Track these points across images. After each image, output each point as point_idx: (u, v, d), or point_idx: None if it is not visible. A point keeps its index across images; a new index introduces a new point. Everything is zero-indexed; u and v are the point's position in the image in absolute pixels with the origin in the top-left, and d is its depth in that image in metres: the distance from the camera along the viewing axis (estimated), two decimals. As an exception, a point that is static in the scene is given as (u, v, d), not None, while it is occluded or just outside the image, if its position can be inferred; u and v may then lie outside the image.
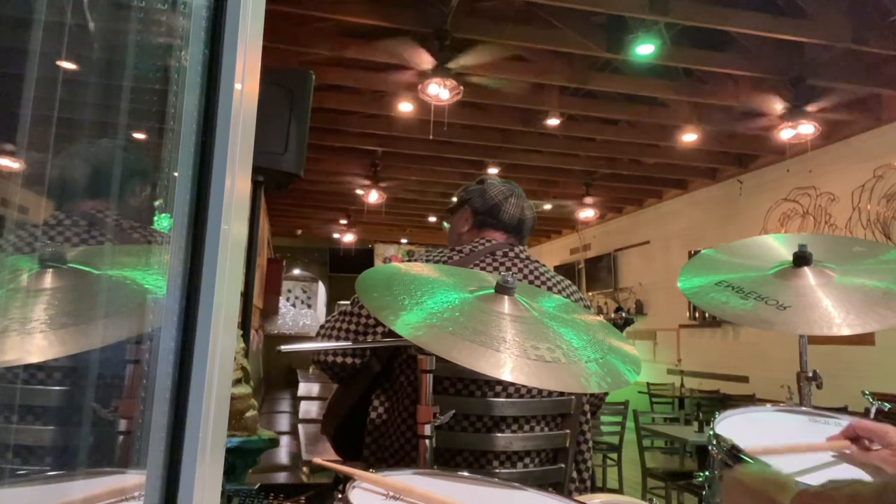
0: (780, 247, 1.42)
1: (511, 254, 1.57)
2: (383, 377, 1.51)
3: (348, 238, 12.44)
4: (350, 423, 1.56)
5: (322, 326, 1.54)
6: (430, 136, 6.04)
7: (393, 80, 5.38)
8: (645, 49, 4.67)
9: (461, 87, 5.00)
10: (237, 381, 1.53)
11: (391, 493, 0.82)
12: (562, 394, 1.43)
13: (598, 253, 10.89)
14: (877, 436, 0.91)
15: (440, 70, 4.87)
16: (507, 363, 0.95)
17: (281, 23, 4.55)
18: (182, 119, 0.41)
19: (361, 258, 12.95)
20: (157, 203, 1.24)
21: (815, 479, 0.85)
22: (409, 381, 1.44)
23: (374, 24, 4.59)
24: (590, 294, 10.64)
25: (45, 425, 0.97)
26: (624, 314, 1.58)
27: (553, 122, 6.37)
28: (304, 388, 6.49)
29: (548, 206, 9.47)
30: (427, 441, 1.08)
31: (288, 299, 12.82)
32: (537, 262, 1.60)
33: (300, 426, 4.67)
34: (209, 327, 0.38)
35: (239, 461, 1.55)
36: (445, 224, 1.77)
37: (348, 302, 1.54)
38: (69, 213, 1.17)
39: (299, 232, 13.42)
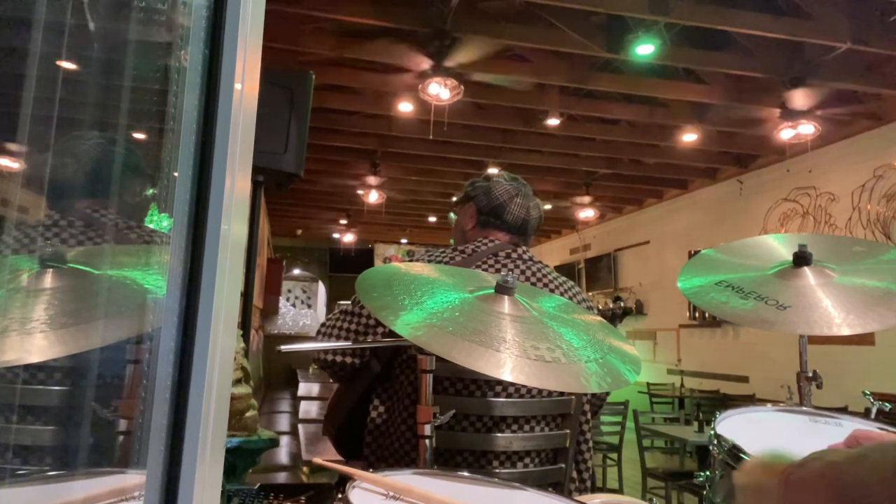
0: (780, 247, 1.42)
1: (514, 255, 1.57)
2: (383, 377, 1.51)
3: (348, 238, 12.44)
4: (351, 422, 1.56)
5: (322, 325, 1.54)
6: (430, 136, 6.04)
7: (393, 80, 5.37)
8: (645, 49, 4.66)
9: (461, 87, 5.00)
10: (237, 381, 1.53)
11: (391, 493, 0.82)
12: (562, 394, 1.43)
13: (598, 253, 10.89)
14: None
15: (440, 70, 4.87)
16: (507, 363, 0.95)
17: (281, 23, 4.55)
18: (182, 119, 0.41)
19: (361, 258, 12.95)
20: (156, 203, 1.24)
21: None
22: (410, 381, 1.44)
23: (374, 24, 4.59)
24: (590, 294, 10.63)
25: (45, 425, 0.97)
26: (622, 304, 1.59)
27: (553, 122, 6.37)
28: (304, 388, 6.49)
29: (548, 206, 9.47)
30: (427, 441, 1.08)
31: (288, 299, 12.81)
32: (540, 262, 1.60)
33: (300, 426, 4.67)
34: (209, 327, 0.38)
35: (239, 461, 1.55)
36: (452, 215, 1.76)
37: (349, 302, 1.54)
38: (67, 213, 1.16)
39: (299, 232, 13.42)
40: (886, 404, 1.24)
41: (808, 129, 5.51)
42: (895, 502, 0.49)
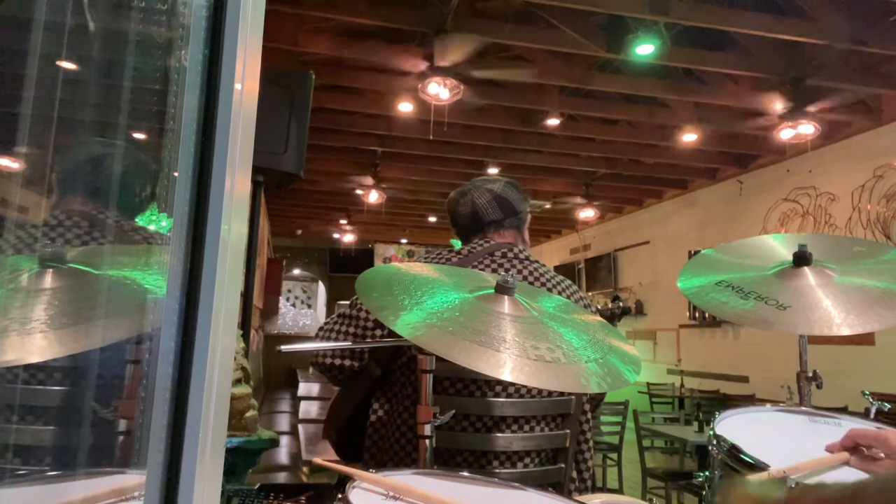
0: (780, 247, 1.42)
1: (510, 254, 1.57)
2: (383, 380, 1.51)
3: (348, 238, 12.44)
4: (352, 427, 1.56)
5: (321, 329, 1.53)
6: (430, 136, 6.04)
7: (393, 80, 5.37)
8: (645, 49, 4.66)
9: (461, 87, 4.99)
10: (237, 381, 1.53)
11: (391, 493, 0.82)
12: (562, 394, 1.43)
13: (598, 253, 10.89)
14: (877, 443, 0.90)
15: (440, 70, 4.87)
16: (507, 363, 0.95)
17: (281, 23, 4.55)
18: (182, 119, 0.41)
19: (361, 258, 12.96)
20: (157, 203, 1.24)
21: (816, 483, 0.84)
22: (410, 382, 1.44)
23: (373, 24, 4.59)
24: (590, 294, 10.63)
25: (45, 425, 0.97)
26: (621, 303, 1.59)
27: (553, 122, 6.37)
28: (304, 388, 6.50)
29: (548, 206, 9.47)
30: (427, 441, 1.08)
31: (288, 299, 12.82)
32: (537, 262, 1.60)
33: (300, 426, 4.68)
34: (209, 327, 0.38)
35: (239, 461, 1.55)
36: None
37: (348, 303, 1.54)
38: (70, 213, 1.17)
39: (299, 232, 13.42)
40: (886, 404, 1.24)
41: (808, 129, 5.51)
42: None
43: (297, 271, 14.38)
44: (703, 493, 1.01)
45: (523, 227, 1.67)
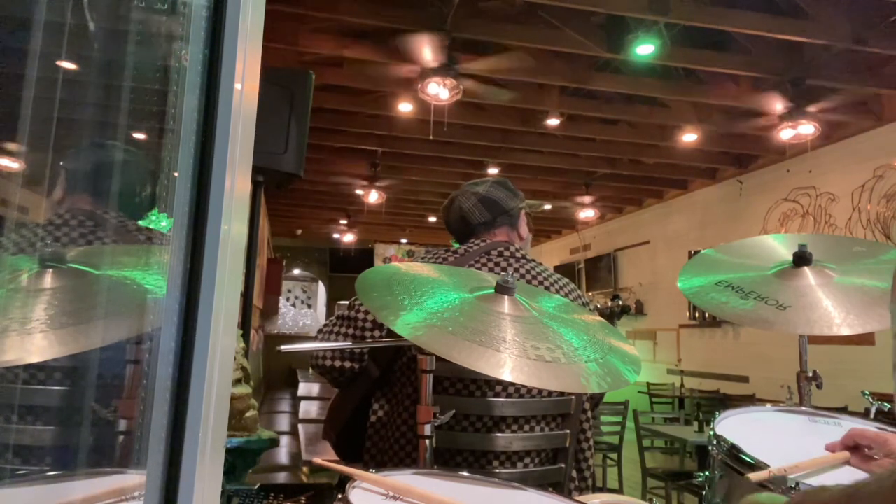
0: (780, 247, 1.42)
1: (506, 253, 1.57)
2: (382, 381, 1.51)
3: (348, 238, 12.44)
4: (352, 427, 1.56)
5: (320, 331, 1.54)
6: (430, 136, 6.04)
7: (393, 80, 5.37)
8: (645, 49, 4.66)
9: (461, 87, 4.99)
10: (237, 381, 1.52)
11: (391, 493, 0.82)
12: (562, 394, 1.43)
13: (598, 253, 10.89)
14: (877, 444, 0.91)
15: (440, 70, 4.87)
16: (507, 363, 0.95)
17: (281, 23, 4.55)
18: (182, 119, 0.41)
19: (361, 258, 12.94)
20: (157, 203, 1.24)
21: (816, 483, 0.85)
22: (410, 382, 1.44)
23: (374, 24, 4.59)
24: (590, 294, 10.63)
25: (45, 425, 0.97)
26: (620, 302, 1.59)
27: (553, 122, 6.37)
28: (304, 388, 6.50)
29: (548, 206, 9.47)
30: (427, 441, 1.08)
31: (288, 299, 12.83)
32: (534, 261, 1.60)
33: (300, 426, 4.67)
34: (209, 327, 0.38)
35: (239, 461, 1.55)
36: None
37: (347, 304, 1.54)
38: (74, 213, 1.17)
39: (299, 232, 13.42)
40: (886, 404, 1.24)
41: (808, 129, 5.51)
42: None
43: (297, 271, 14.38)
44: (703, 493, 1.01)
45: (517, 224, 1.66)
